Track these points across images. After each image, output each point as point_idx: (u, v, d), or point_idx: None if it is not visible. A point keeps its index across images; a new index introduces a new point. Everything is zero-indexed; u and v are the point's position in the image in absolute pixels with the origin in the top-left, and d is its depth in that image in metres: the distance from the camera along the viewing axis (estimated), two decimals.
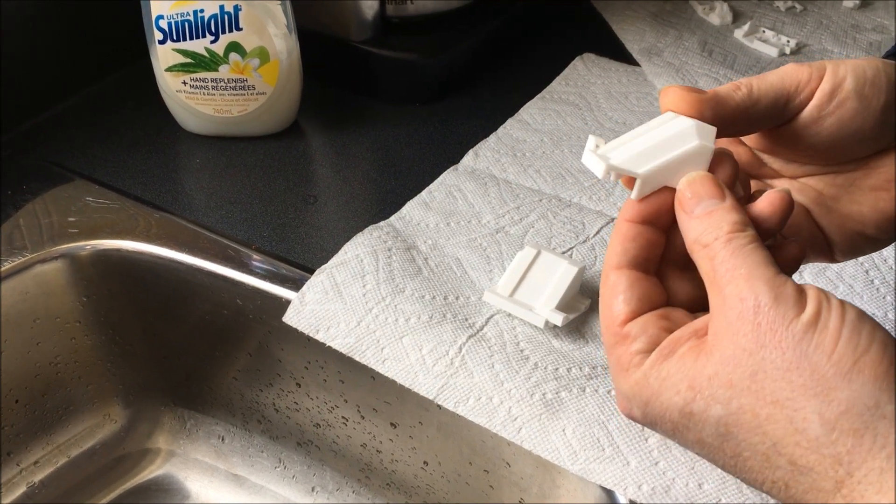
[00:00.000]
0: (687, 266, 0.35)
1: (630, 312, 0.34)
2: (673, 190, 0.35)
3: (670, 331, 0.33)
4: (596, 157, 0.34)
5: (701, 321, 0.33)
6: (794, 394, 0.29)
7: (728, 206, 0.33)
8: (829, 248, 0.41)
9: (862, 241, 0.40)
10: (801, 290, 0.30)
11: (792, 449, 0.29)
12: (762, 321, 0.30)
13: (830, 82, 0.36)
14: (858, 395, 0.28)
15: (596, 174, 0.34)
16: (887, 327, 0.51)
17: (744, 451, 0.30)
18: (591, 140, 0.35)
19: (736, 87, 0.36)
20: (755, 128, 0.38)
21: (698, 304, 0.35)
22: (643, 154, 0.34)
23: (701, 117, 0.35)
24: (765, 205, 0.34)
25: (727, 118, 0.36)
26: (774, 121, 0.37)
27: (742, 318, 0.30)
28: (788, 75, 0.37)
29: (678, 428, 0.32)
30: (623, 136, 0.36)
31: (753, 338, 0.30)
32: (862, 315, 0.30)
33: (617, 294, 0.34)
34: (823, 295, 0.30)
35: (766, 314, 0.29)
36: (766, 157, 0.41)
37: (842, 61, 0.37)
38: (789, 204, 0.34)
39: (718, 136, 0.35)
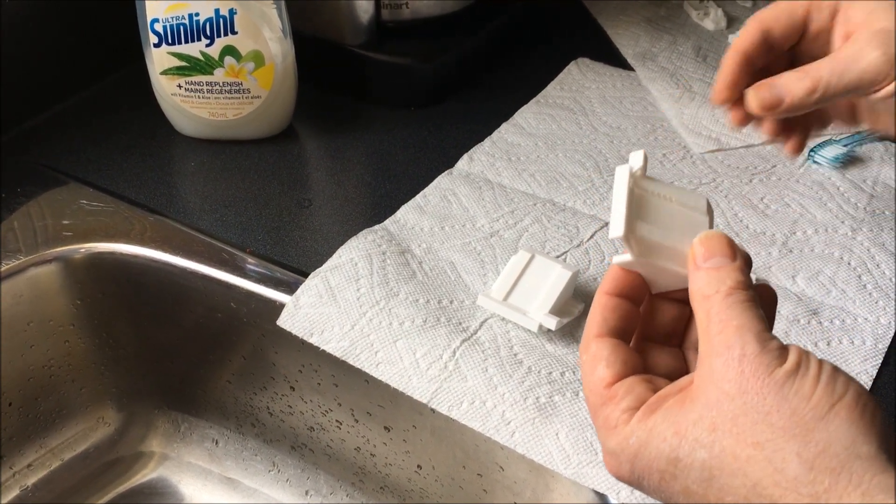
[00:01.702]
0: (667, 341, 0.37)
1: (615, 375, 0.35)
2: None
3: (655, 391, 0.34)
4: (624, 220, 0.35)
5: (685, 379, 0.34)
6: (773, 435, 0.30)
7: (736, 266, 0.34)
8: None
9: None
10: (784, 346, 0.32)
11: (772, 490, 0.30)
12: (746, 368, 0.31)
13: None
14: (835, 437, 0.29)
15: (615, 231, 0.35)
16: (880, 332, 0.52)
17: (726, 497, 0.31)
18: (637, 158, 0.37)
19: (810, 92, 0.40)
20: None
21: (678, 377, 0.36)
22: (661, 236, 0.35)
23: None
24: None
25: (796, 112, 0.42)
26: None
27: (727, 365, 0.31)
28: (871, 70, 0.39)
29: (665, 478, 0.32)
30: (659, 188, 0.36)
31: (737, 384, 0.31)
32: (837, 368, 0.32)
33: (600, 359, 0.35)
34: (804, 352, 0.32)
35: (751, 362, 0.31)
36: None
37: None
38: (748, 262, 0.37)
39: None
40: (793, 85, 0.41)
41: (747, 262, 0.35)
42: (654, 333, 0.37)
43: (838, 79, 0.39)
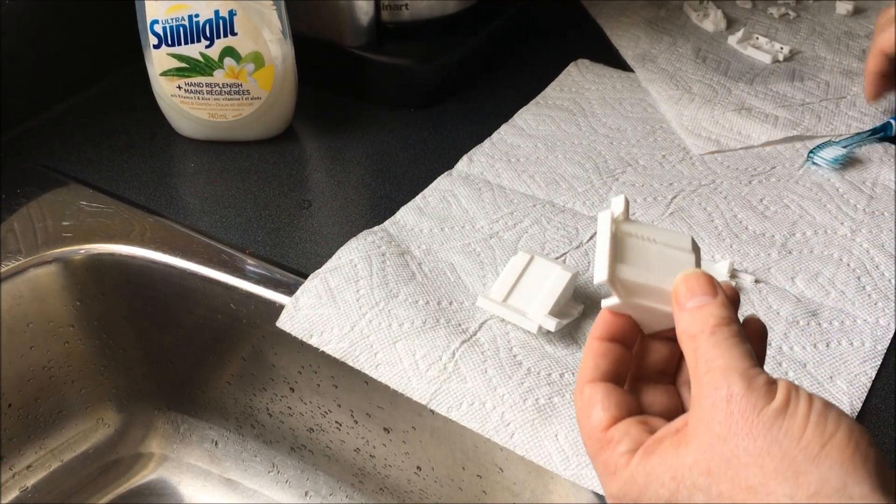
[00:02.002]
0: (659, 380, 0.37)
1: (610, 418, 0.35)
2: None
3: (652, 432, 0.34)
4: (607, 264, 0.35)
5: (681, 419, 0.34)
6: (766, 479, 0.30)
7: (718, 302, 0.34)
8: None
9: None
10: (772, 381, 0.32)
11: None
12: (734, 409, 0.31)
13: None
14: (827, 478, 0.29)
15: (599, 276, 0.35)
16: (879, 333, 0.52)
17: None
18: (619, 203, 0.37)
19: None
20: None
21: (674, 414, 0.36)
22: (644, 275, 0.36)
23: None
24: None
25: None
26: None
27: (716, 407, 0.31)
28: None
29: None
30: (642, 230, 0.37)
31: (726, 425, 0.31)
32: (828, 403, 0.31)
33: (594, 404, 0.35)
34: (793, 387, 0.31)
35: (738, 402, 0.31)
36: None
37: None
38: (736, 296, 0.37)
39: None
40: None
41: (732, 297, 0.36)
42: (647, 373, 0.38)
43: None
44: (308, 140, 0.68)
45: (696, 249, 0.37)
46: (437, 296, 0.53)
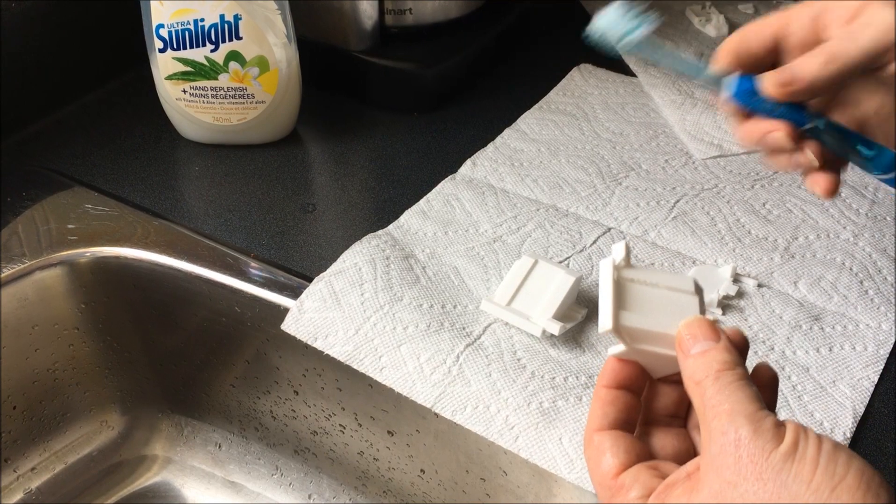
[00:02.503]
0: (670, 424, 0.37)
1: (620, 465, 0.35)
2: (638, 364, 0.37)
3: (663, 477, 0.34)
4: (612, 312, 0.35)
5: (692, 464, 0.34)
6: None
7: (721, 346, 0.34)
8: None
9: None
10: (779, 424, 0.31)
11: None
12: (743, 454, 0.31)
13: None
14: None
15: (604, 325, 0.35)
16: (882, 337, 0.52)
17: None
18: (619, 249, 0.37)
19: (827, 61, 0.39)
20: (842, 88, 0.42)
21: (685, 457, 0.36)
22: (648, 319, 0.36)
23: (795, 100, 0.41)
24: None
25: (818, 93, 0.40)
26: (862, 76, 0.40)
27: (724, 452, 0.31)
28: (884, 27, 0.38)
29: None
30: (644, 275, 0.37)
31: (736, 470, 0.31)
32: (837, 445, 0.31)
33: (603, 451, 0.35)
34: (801, 428, 0.31)
35: (747, 447, 0.31)
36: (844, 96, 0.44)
37: None
38: (744, 340, 0.37)
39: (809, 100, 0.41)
40: (806, 62, 0.40)
41: (739, 342, 0.36)
42: (657, 416, 0.37)
43: (851, 43, 0.37)
44: (312, 144, 0.69)
45: (698, 291, 0.37)
46: (441, 299, 0.53)
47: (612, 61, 0.79)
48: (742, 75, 0.42)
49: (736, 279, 0.55)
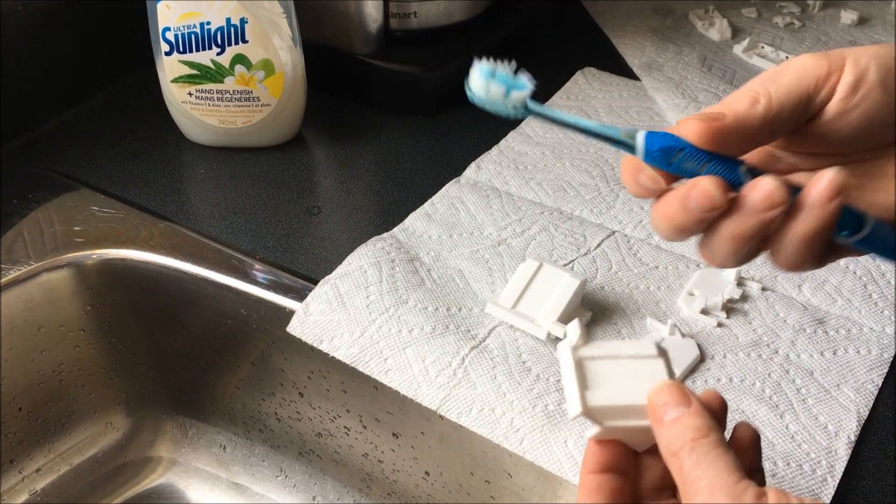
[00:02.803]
0: (659, 497, 0.36)
1: None
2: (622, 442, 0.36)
3: None
4: (578, 395, 0.34)
5: None
6: None
7: (693, 411, 0.33)
8: None
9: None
10: (761, 494, 0.30)
11: None
12: None
13: (853, 74, 0.34)
14: None
15: (572, 411, 0.34)
16: (885, 341, 0.52)
17: None
18: (573, 329, 0.36)
19: (754, 100, 0.34)
20: (777, 136, 0.36)
21: None
22: (615, 398, 0.35)
23: (724, 148, 0.33)
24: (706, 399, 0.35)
25: (750, 138, 0.34)
26: (796, 124, 0.36)
27: None
28: (806, 72, 0.35)
29: None
30: (603, 349, 0.35)
31: None
32: None
33: None
34: (784, 498, 0.30)
35: None
36: (781, 153, 0.38)
37: (860, 50, 0.35)
38: (722, 402, 0.35)
39: (740, 153, 0.34)
40: (732, 101, 0.35)
41: (716, 404, 0.35)
42: (647, 490, 0.36)
43: (777, 84, 0.34)
44: (317, 146, 0.69)
45: (662, 353, 0.36)
46: (446, 302, 0.53)
47: (615, 65, 0.79)
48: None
49: (740, 283, 0.56)
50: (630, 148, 0.34)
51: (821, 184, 0.33)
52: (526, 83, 0.35)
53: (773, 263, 0.36)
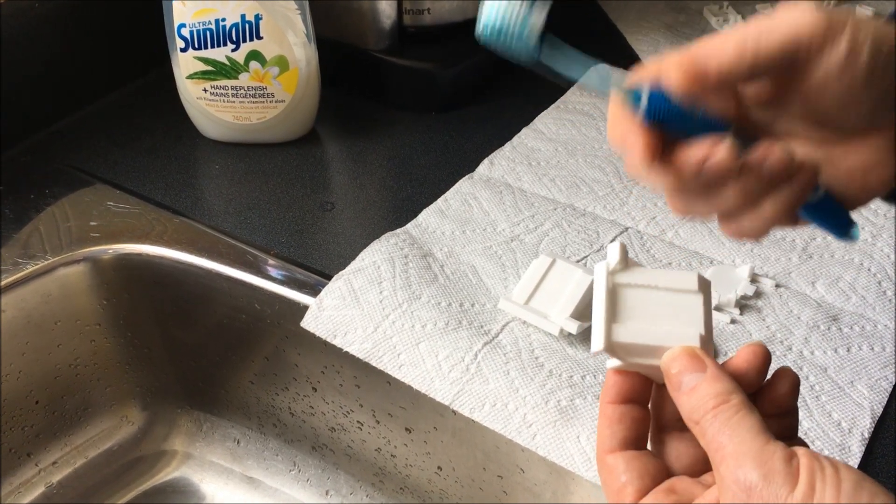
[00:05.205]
0: (683, 428, 0.35)
1: (636, 492, 0.33)
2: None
3: (681, 500, 0.32)
4: (603, 329, 0.33)
5: (710, 497, 0.32)
6: None
7: (710, 376, 0.32)
8: None
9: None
10: (791, 456, 0.29)
11: None
12: (757, 502, 0.29)
13: (847, 48, 0.33)
14: None
15: (595, 345, 0.33)
16: None
17: None
18: (614, 251, 0.34)
19: (741, 53, 0.34)
20: (753, 85, 0.36)
21: (701, 465, 0.34)
22: (643, 333, 0.33)
23: (700, 93, 0.34)
24: (740, 361, 0.34)
25: (728, 87, 0.35)
26: (778, 79, 0.35)
27: (737, 499, 0.29)
28: (802, 32, 0.33)
29: None
30: (643, 276, 0.34)
31: None
32: (858, 481, 0.28)
33: (618, 476, 0.33)
34: (816, 463, 0.29)
35: (759, 494, 0.29)
36: (756, 109, 0.38)
37: (862, 23, 0.34)
38: (765, 358, 0.34)
39: (714, 96, 0.35)
40: (719, 48, 0.34)
41: (750, 356, 0.33)
42: (668, 422, 0.35)
43: (768, 34, 0.33)
44: (331, 142, 0.69)
45: (703, 288, 0.34)
46: (459, 298, 0.54)
47: (629, 61, 0.79)
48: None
49: (753, 279, 0.55)
50: (628, 99, 0.35)
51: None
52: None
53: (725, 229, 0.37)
